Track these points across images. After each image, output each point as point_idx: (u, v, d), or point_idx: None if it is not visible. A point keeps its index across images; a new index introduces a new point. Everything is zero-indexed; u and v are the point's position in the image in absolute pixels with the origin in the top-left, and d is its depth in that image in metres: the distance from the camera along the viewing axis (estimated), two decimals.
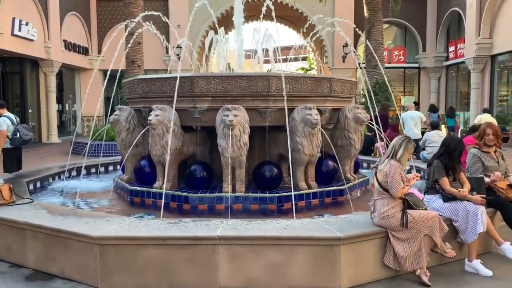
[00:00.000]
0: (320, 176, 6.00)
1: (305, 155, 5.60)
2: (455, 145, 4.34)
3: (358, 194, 6.47)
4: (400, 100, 22.83)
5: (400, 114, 16.63)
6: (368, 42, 13.28)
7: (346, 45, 22.66)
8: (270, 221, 4.08)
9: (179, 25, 21.27)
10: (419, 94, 25.14)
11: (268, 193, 5.54)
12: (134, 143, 6.09)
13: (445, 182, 4.25)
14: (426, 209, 4.00)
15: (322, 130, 5.80)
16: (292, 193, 5.20)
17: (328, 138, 5.90)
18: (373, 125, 7.27)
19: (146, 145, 6.05)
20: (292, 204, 5.17)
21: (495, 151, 4.89)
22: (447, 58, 23.44)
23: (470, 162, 4.82)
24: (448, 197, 4.23)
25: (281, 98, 5.55)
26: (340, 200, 5.94)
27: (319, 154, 5.85)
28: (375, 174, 3.98)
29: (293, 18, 24.85)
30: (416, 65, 24.74)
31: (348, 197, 6.00)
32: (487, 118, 12.36)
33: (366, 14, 16.25)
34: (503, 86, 19.29)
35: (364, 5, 16.41)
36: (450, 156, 4.31)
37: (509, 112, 17.87)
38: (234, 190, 5.51)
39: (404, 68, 25.26)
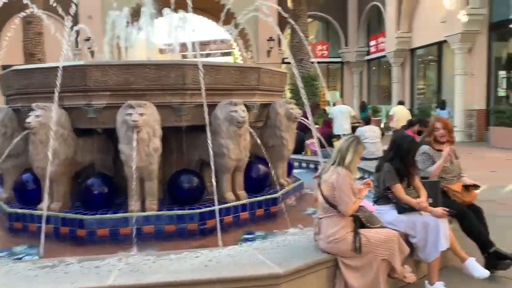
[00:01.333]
0: (249, 184, 5.08)
1: (231, 160, 4.65)
2: (408, 145, 3.62)
3: (293, 202, 5.64)
4: (324, 95, 22.74)
5: (325, 109, 16.36)
6: (299, 30, 12.64)
7: (270, 39, 22.13)
8: (186, 255, 3.06)
9: (90, 16, 19.33)
10: (342, 88, 25.34)
11: (188, 209, 4.50)
12: (8, 151, 4.72)
13: (399, 189, 3.52)
14: (382, 227, 3.23)
15: (251, 129, 4.88)
16: (216, 207, 4.21)
17: (257, 138, 5.00)
18: (305, 121, 6.52)
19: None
20: (216, 221, 4.19)
21: None
22: (368, 53, 23.78)
23: (420, 161, 4.16)
24: (403, 208, 3.50)
25: (199, 92, 4.55)
26: (273, 211, 5.06)
27: (248, 158, 4.92)
28: (319, 185, 3.13)
29: (213, 11, 23.75)
30: (339, 59, 24.87)
31: (283, 206, 5.15)
32: (401, 109, 12.75)
33: (290, 5, 15.68)
34: (421, 80, 19.85)
35: None
36: (403, 159, 3.59)
37: (429, 105, 18.31)
38: (143, 207, 4.42)
39: (328, 63, 25.28)
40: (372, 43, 23.07)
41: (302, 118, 5.75)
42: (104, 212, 4.36)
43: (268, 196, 5.06)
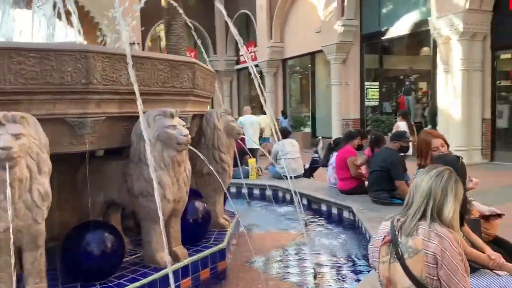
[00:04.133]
0: (186, 231, 3.48)
1: (167, 201, 3.02)
2: (461, 169, 2.53)
3: (235, 245, 4.20)
4: None
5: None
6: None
7: (133, 43, 19.94)
8: None
9: None
10: (212, 98, 24.30)
11: (100, 286, 2.74)
12: None
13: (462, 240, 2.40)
14: None
15: (197, 152, 3.33)
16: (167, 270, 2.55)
17: (207, 164, 3.46)
18: None
19: None
20: None
21: None
22: (237, 62, 23.23)
23: None
24: (470, 267, 2.39)
25: (113, 98, 2.88)
26: (221, 268, 3.55)
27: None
28: (398, 255, 1.80)
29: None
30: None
31: (229, 258, 3.69)
32: (264, 118, 12.68)
33: (163, 3, 13.98)
34: (294, 89, 19.98)
35: None
36: None
37: (303, 116, 18.40)
38: None
39: None
40: (242, 52, 22.56)
41: None
42: None
43: (215, 249, 3.52)
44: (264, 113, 14.92)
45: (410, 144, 5.78)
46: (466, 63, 10.38)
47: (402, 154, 5.14)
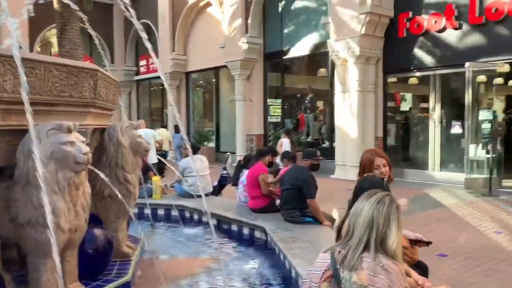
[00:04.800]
0: (83, 264, 2.99)
1: (61, 231, 2.54)
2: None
3: (141, 275, 3.76)
4: None
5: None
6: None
7: (20, 47, 18.06)
8: None
9: None
10: None
11: None
12: None
13: None
14: None
15: (98, 171, 2.88)
16: None
17: (111, 188, 3.01)
18: None
19: None
20: None
21: None
22: (137, 73, 22.26)
23: None
24: None
25: None
26: None
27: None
28: None
29: None
30: None
31: None
32: (163, 132, 12.70)
33: (56, 6, 12.82)
34: (197, 103, 19.69)
35: None
36: None
37: (207, 130, 18.13)
38: None
39: None
40: (143, 62, 21.70)
41: None
42: None
43: (118, 282, 3.08)
44: (164, 127, 14.42)
45: None
46: (361, 85, 11.06)
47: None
